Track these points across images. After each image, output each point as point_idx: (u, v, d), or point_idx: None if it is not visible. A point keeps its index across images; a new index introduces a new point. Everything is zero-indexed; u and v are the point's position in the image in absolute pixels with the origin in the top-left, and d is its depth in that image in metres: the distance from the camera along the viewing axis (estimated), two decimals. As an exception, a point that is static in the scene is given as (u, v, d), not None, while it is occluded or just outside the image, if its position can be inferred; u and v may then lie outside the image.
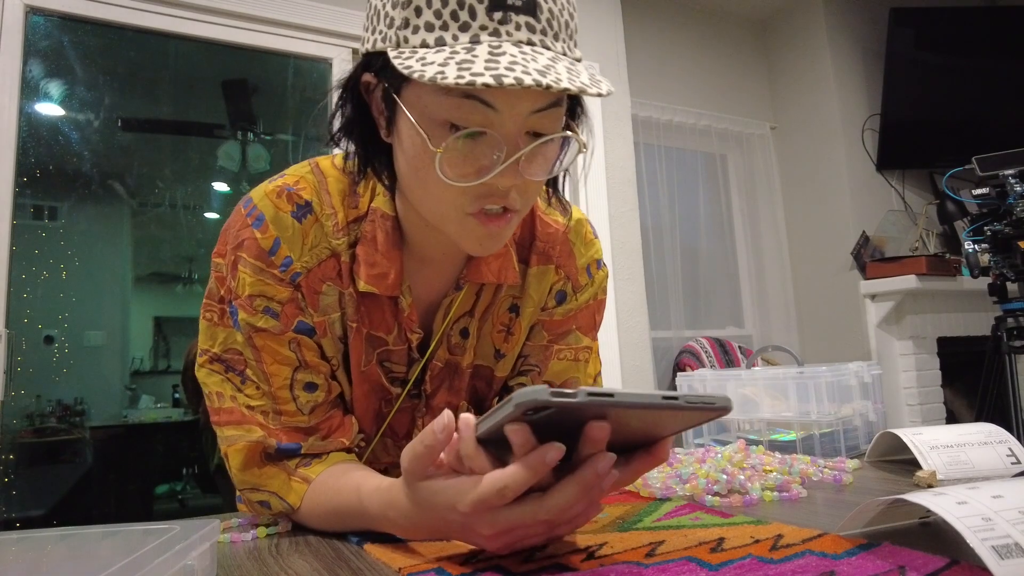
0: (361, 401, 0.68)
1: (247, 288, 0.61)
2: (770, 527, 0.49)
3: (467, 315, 0.70)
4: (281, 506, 0.61)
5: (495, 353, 0.73)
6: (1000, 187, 1.92)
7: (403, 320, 0.66)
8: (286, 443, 0.62)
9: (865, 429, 0.92)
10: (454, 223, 0.57)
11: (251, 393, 0.62)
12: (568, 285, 0.74)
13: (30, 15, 1.69)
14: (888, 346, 2.85)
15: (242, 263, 0.61)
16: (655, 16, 3.08)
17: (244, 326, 0.61)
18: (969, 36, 3.03)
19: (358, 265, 0.63)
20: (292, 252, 0.62)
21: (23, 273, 1.76)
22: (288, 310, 0.62)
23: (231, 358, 0.63)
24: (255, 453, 0.61)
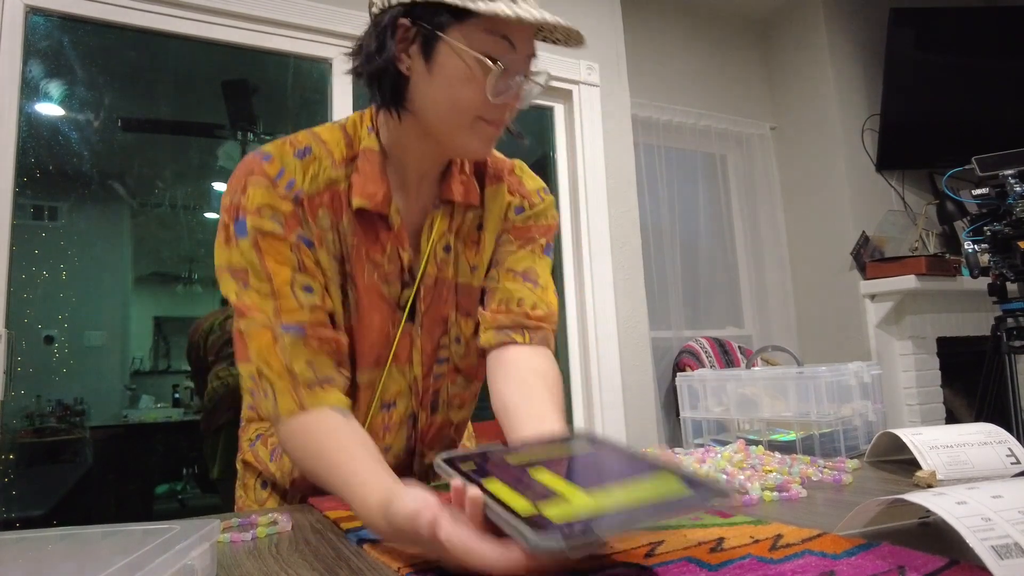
0: (370, 320, 0.76)
1: (256, 200, 0.71)
2: (769, 527, 0.49)
3: (447, 233, 0.82)
4: (270, 406, 0.68)
5: (470, 268, 0.85)
6: (1000, 187, 1.92)
7: (394, 238, 0.77)
8: (288, 322, 0.69)
9: (865, 429, 0.92)
10: (468, 129, 0.72)
11: (256, 291, 0.70)
12: (525, 202, 0.89)
13: (30, 15, 1.69)
14: (888, 346, 2.86)
15: (252, 184, 0.72)
16: (655, 16, 3.08)
17: (251, 231, 0.70)
18: (969, 36, 3.03)
19: (353, 188, 0.75)
20: (296, 178, 0.73)
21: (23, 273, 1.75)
22: (291, 221, 0.72)
23: (230, 271, 0.71)
24: (267, 339, 0.68)
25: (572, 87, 2.46)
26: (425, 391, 0.83)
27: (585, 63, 2.49)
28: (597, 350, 2.34)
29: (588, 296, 2.37)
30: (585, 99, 2.47)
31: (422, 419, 0.84)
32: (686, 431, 1.04)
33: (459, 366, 0.86)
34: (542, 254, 0.88)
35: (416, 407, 0.83)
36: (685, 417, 1.04)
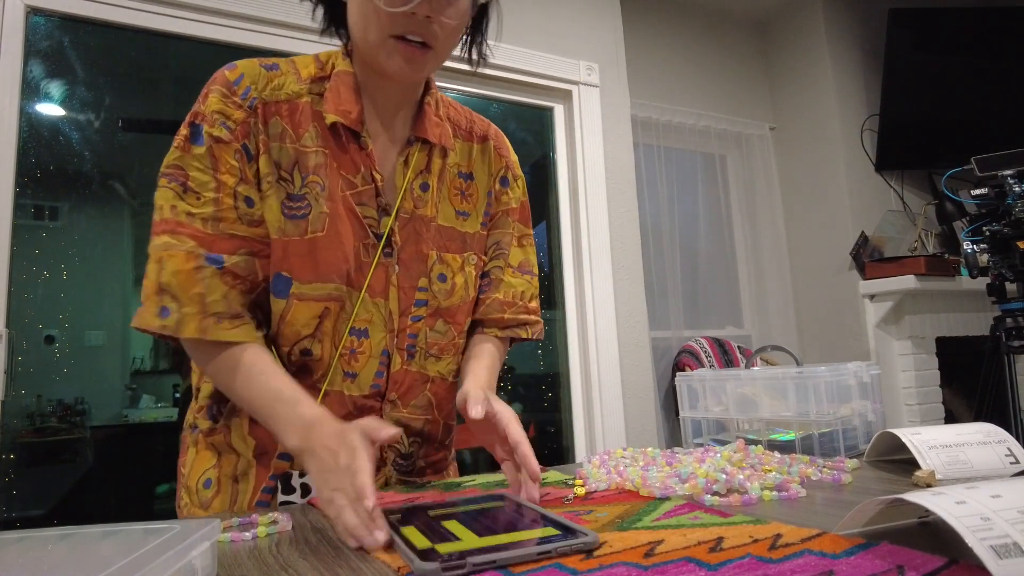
0: (337, 230, 0.77)
1: (212, 106, 0.75)
2: (769, 527, 0.49)
3: (425, 172, 0.84)
4: (171, 323, 0.70)
5: (456, 213, 0.87)
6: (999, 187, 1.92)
7: (367, 159, 0.79)
8: (213, 253, 0.72)
9: (864, 429, 0.92)
10: (381, 48, 0.73)
11: (192, 202, 0.73)
12: (509, 173, 0.94)
13: (30, 15, 1.69)
14: (887, 346, 2.86)
15: (212, 92, 0.75)
16: (654, 17, 3.08)
17: (206, 137, 0.73)
18: (968, 37, 3.04)
19: (327, 103, 0.78)
20: (253, 87, 0.76)
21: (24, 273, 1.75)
22: (240, 130, 0.75)
23: (173, 172, 0.73)
24: (188, 265, 0.70)
25: (572, 87, 2.47)
26: (402, 330, 0.82)
27: (585, 63, 2.49)
28: (597, 350, 2.34)
29: (588, 296, 2.37)
30: (585, 99, 2.47)
31: (396, 362, 0.82)
32: (685, 431, 1.04)
33: (441, 306, 0.85)
34: (531, 243, 0.97)
35: (391, 347, 0.82)
36: (684, 417, 1.04)
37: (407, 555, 0.44)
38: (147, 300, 0.71)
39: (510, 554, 0.43)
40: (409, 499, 0.68)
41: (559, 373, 2.47)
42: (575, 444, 2.37)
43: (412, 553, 0.44)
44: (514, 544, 0.45)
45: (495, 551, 0.43)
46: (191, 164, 0.73)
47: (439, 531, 0.49)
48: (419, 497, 0.68)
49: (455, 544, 0.46)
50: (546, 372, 2.56)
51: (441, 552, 0.44)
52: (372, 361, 0.81)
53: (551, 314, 2.47)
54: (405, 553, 0.45)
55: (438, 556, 0.43)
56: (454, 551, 0.44)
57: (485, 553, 0.43)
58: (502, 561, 0.42)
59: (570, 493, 0.66)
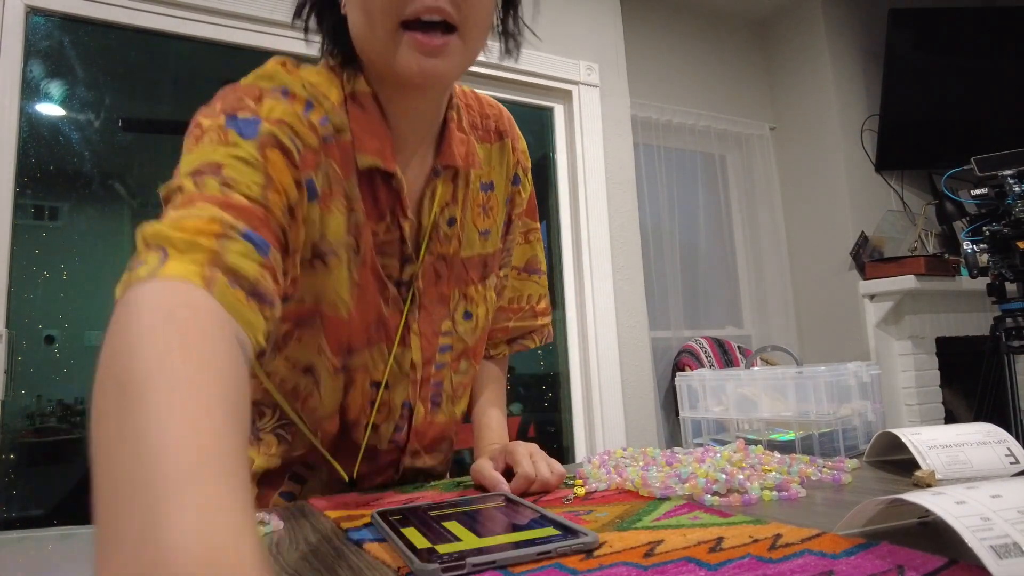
0: (368, 297, 0.67)
1: (278, 112, 0.57)
2: (769, 527, 0.49)
3: (451, 203, 0.72)
4: (137, 274, 0.42)
5: (479, 235, 0.76)
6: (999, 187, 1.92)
7: (398, 203, 0.67)
8: (254, 232, 0.48)
9: (864, 429, 0.92)
10: (390, 44, 0.58)
11: (212, 192, 0.49)
12: (519, 168, 0.82)
13: (30, 15, 1.69)
14: (887, 346, 2.86)
15: (272, 97, 0.58)
16: (654, 17, 3.08)
17: (265, 135, 0.54)
18: (968, 37, 3.04)
19: (357, 142, 0.63)
20: (328, 113, 0.61)
21: (24, 273, 1.76)
22: (309, 158, 0.59)
23: (205, 168, 0.50)
24: (208, 227, 0.45)
25: (572, 87, 2.47)
26: (425, 380, 0.75)
27: (585, 64, 2.49)
28: (597, 350, 2.34)
29: (588, 296, 2.37)
30: (585, 99, 2.48)
31: (419, 413, 0.76)
32: (685, 431, 1.05)
33: (466, 346, 0.77)
34: (539, 238, 0.88)
35: (414, 398, 0.75)
36: (684, 417, 1.04)
37: (407, 555, 0.44)
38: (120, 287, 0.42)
39: (510, 554, 0.43)
40: (408, 499, 0.68)
41: (559, 373, 2.47)
42: (575, 444, 2.37)
43: (411, 553, 0.44)
44: (514, 544, 0.45)
45: (495, 551, 0.43)
46: (228, 156, 0.51)
47: (439, 531, 0.49)
48: (418, 497, 0.68)
49: (455, 544, 0.46)
50: (546, 372, 2.56)
51: (441, 552, 0.44)
52: (392, 416, 0.75)
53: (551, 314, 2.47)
54: (405, 553, 0.45)
55: (438, 556, 0.43)
56: (454, 551, 0.44)
57: (485, 553, 0.43)
58: (502, 561, 0.42)
59: (570, 493, 0.66)
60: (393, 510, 0.57)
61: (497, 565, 0.42)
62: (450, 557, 0.42)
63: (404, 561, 0.45)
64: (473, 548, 0.45)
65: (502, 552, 0.43)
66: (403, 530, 0.50)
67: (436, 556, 0.43)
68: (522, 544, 0.45)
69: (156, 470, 0.26)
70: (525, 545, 0.45)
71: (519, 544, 0.45)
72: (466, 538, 0.47)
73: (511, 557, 0.43)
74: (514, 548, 0.44)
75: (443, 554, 0.43)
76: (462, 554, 0.43)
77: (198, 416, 0.29)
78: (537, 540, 0.46)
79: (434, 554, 0.43)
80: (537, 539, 0.46)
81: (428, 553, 0.44)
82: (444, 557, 0.42)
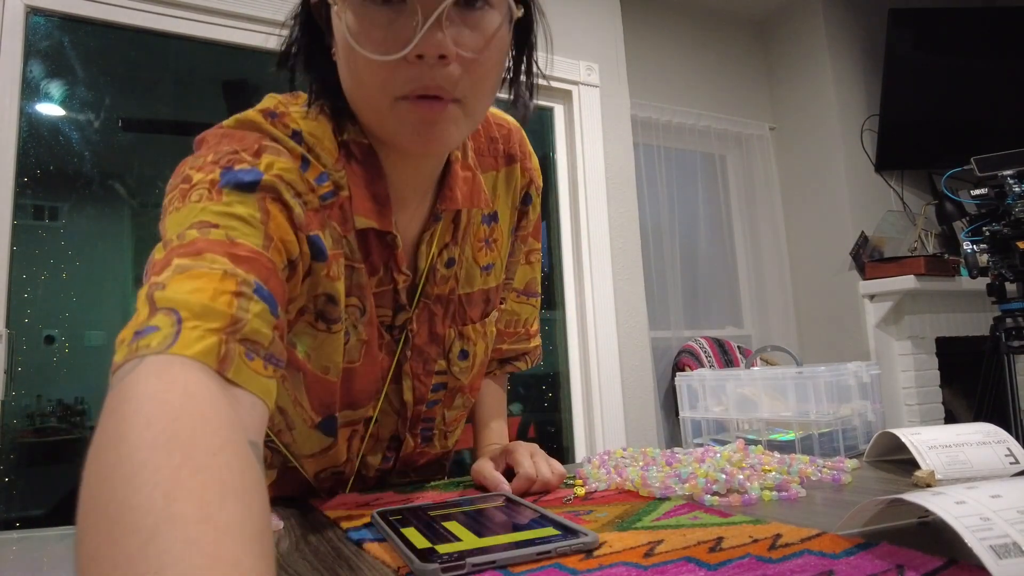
0: (376, 360, 0.66)
1: (278, 167, 0.53)
2: (769, 526, 0.49)
3: (450, 244, 0.68)
4: (146, 344, 0.37)
5: (481, 271, 0.72)
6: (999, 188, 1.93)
7: (392, 258, 0.63)
8: (266, 288, 0.44)
9: (864, 429, 0.92)
10: (388, 115, 0.53)
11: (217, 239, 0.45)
12: (532, 187, 0.77)
13: (30, 15, 1.70)
14: (887, 346, 2.86)
15: (270, 151, 0.54)
16: (654, 17, 3.08)
17: (266, 187, 0.50)
18: (968, 37, 3.04)
19: (356, 200, 0.59)
20: (330, 172, 0.57)
21: (23, 273, 1.76)
22: (314, 218, 0.55)
23: (198, 227, 0.46)
24: (223, 286, 0.42)
25: (572, 87, 2.47)
26: (416, 418, 0.74)
27: (585, 64, 2.49)
28: (596, 350, 2.34)
29: (588, 296, 2.37)
30: (585, 99, 2.48)
31: (408, 445, 0.75)
32: (685, 431, 1.05)
33: (461, 384, 0.75)
34: (539, 259, 0.85)
35: (403, 431, 0.74)
36: (684, 417, 1.04)
37: (406, 555, 0.44)
38: (118, 345, 0.39)
39: (510, 554, 0.43)
40: (407, 500, 0.68)
41: (559, 373, 2.47)
42: (575, 444, 2.37)
43: (411, 553, 0.44)
44: (514, 544, 0.45)
45: (495, 551, 0.44)
46: (221, 215, 0.47)
47: (438, 531, 0.50)
48: (418, 497, 0.68)
49: (455, 544, 0.46)
50: (546, 372, 2.56)
51: (441, 552, 0.44)
52: (379, 445, 0.74)
53: (551, 314, 2.47)
54: (404, 553, 0.45)
55: (437, 556, 0.43)
56: (453, 551, 0.44)
57: (485, 553, 0.43)
58: (502, 561, 0.43)
59: (570, 493, 0.66)
60: (393, 510, 0.57)
61: (497, 565, 0.42)
62: (450, 557, 0.42)
63: (404, 561, 0.45)
64: (473, 548, 0.45)
65: (502, 552, 0.43)
66: (403, 530, 0.50)
67: (436, 556, 0.43)
68: (522, 544, 0.45)
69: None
70: (525, 545, 0.45)
71: (519, 544, 0.45)
72: (466, 538, 0.48)
73: (511, 557, 0.43)
74: (514, 548, 0.44)
75: (443, 554, 0.43)
76: (462, 554, 0.43)
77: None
78: (537, 540, 0.46)
79: (434, 554, 0.43)
80: (537, 539, 0.46)
81: (428, 553, 0.44)
82: (444, 557, 0.42)
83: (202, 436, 0.32)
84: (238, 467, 0.31)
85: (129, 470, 0.29)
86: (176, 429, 0.31)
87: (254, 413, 0.39)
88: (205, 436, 0.32)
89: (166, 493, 0.28)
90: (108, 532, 0.27)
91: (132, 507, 0.28)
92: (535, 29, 0.61)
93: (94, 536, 0.28)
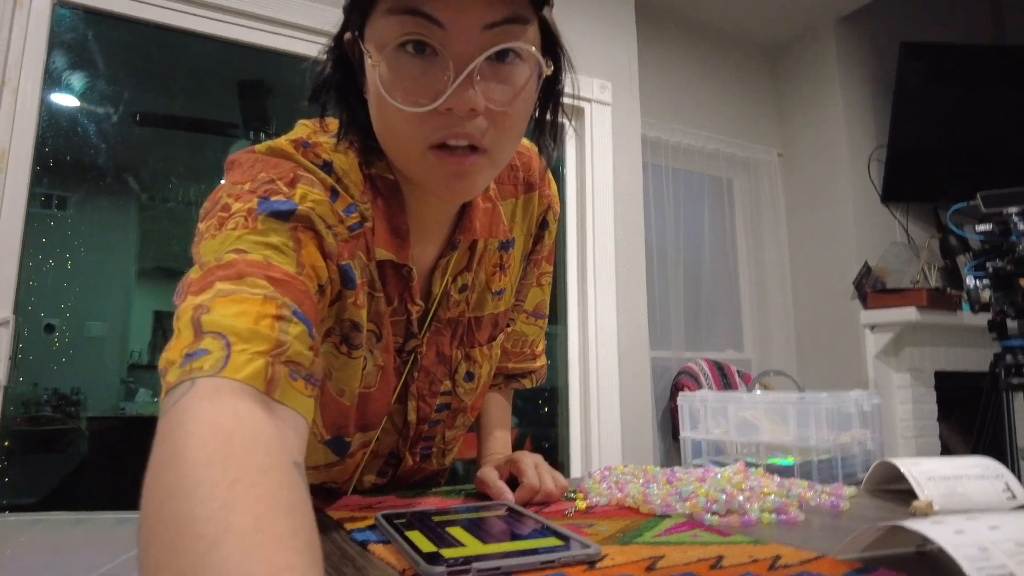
0: (387, 378, 0.66)
1: (312, 199, 0.54)
2: (768, 547, 0.50)
3: (464, 271, 0.69)
4: (200, 366, 0.39)
5: (493, 294, 0.73)
6: (1003, 224, 1.94)
7: (407, 290, 0.64)
8: (303, 312, 0.46)
9: (863, 458, 0.92)
10: (418, 163, 0.55)
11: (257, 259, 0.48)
12: (550, 212, 0.78)
13: (57, 7, 1.72)
14: (886, 377, 2.86)
15: (305, 182, 0.55)
16: (669, 38, 3.11)
17: (300, 215, 0.52)
18: (977, 73, 3.07)
19: (378, 232, 0.60)
20: (358, 204, 0.58)
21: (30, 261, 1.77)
22: (342, 247, 0.57)
23: (237, 252, 0.48)
24: (265, 309, 0.44)
25: (584, 104, 2.49)
26: (417, 437, 0.75)
27: (598, 81, 2.51)
28: (597, 366, 2.35)
29: (590, 312, 2.38)
30: (596, 117, 2.50)
31: (407, 463, 0.76)
32: (685, 451, 1.05)
33: (464, 405, 0.76)
34: (550, 282, 0.86)
35: (402, 449, 0.75)
36: (685, 436, 1.05)
37: (412, 558, 0.45)
38: (168, 367, 0.41)
39: (515, 562, 0.44)
40: (409, 504, 0.68)
41: (558, 388, 2.47)
42: (571, 460, 2.37)
43: (418, 556, 0.45)
44: (518, 553, 0.46)
45: (500, 558, 0.44)
46: (256, 244, 0.49)
47: (444, 537, 0.50)
48: (420, 502, 0.69)
49: (459, 549, 0.46)
50: (545, 386, 2.56)
51: (446, 557, 0.44)
52: (376, 461, 0.75)
53: (553, 329, 2.48)
54: (410, 556, 0.45)
55: (443, 560, 0.43)
56: (459, 556, 0.44)
57: (490, 560, 0.44)
58: (507, 568, 0.43)
59: (571, 507, 0.67)
60: (397, 513, 0.58)
61: (502, 572, 0.43)
62: (455, 562, 0.43)
63: (409, 563, 0.45)
64: (478, 554, 0.45)
65: (507, 559, 0.44)
66: (407, 533, 0.51)
67: (441, 560, 0.44)
68: (526, 553, 0.46)
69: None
70: (529, 554, 0.45)
71: (523, 552, 0.46)
72: (470, 544, 0.48)
73: (516, 564, 0.44)
74: (519, 556, 0.45)
75: (448, 558, 0.44)
76: (468, 559, 0.43)
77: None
78: (540, 550, 0.46)
79: (439, 558, 0.44)
80: (540, 548, 0.47)
81: (434, 557, 0.44)
82: (450, 561, 0.43)
83: (253, 456, 0.34)
84: (287, 484, 0.34)
85: (189, 485, 0.32)
86: (229, 449, 0.34)
87: (297, 432, 0.42)
88: (256, 456, 0.34)
89: (224, 505, 0.30)
90: (172, 543, 0.30)
91: (194, 518, 0.30)
92: (563, 79, 0.63)
93: (159, 547, 0.30)
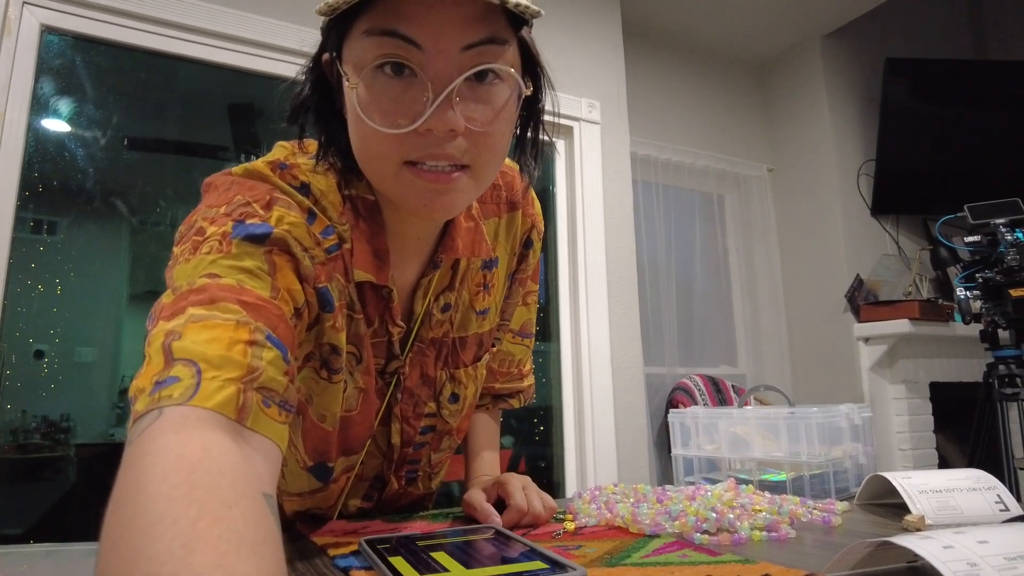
0: (369, 400, 0.65)
1: (288, 221, 0.53)
2: (758, 566, 0.49)
3: (446, 290, 0.68)
4: (168, 394, 0.38)
5: (477, 314, 0.72)
6: (991, 235, 1.95)
7: (388, 311, 0.63)
8: (276, 336, 0.45)
9: (855, 472, 0.92)
10: (392, 180, 0.53)
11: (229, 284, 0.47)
12: (534, 231, 0.77)
13: (45, 34, 1.72)
14: (881, 389, 2.86)
15: (281, 204, 0.54)
16: (656, 56, 3.15)
17: (275, 238, 0.51)
18: (961, 87, 3.11)
19: (356, 253, 0.59)
20: (336, 226, 0.57)
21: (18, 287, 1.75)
22: (319, 270, 0.55)
23: (210, 276, 0.47)
24: (237, 335, 0.43)
25: (573, 124, 2.51)
26: (402, 460, 0.74)
27: (587, 101, 2.53)
28: (590, 384, 2.34)
29: (583, 330, 2.37)
30: (586, 136, 2.51)
31: (392, 486, 0.75)
32: (677, 468, 1.04)
33: (449, 427, 0.75)
34: (536, 301, 0.85)
35: (387, 473, 0.74)
36: (676, 454, 1.04)
37: None
38: (137, 394, 0.40)
39: None
40: (396, 528, 0.67)
41: (552, 407, 2.46)
42: (566, 479, 2.35)
43: None
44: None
45: None
46: (231, 268, 0.48)
47: (427, 562, 0.49)
48: (406, 527, 0.68)
49: (443, 575, 0.45)
50: (538, 405, 2.54)
51: None
52: (362, 484, 0.74)
53: (545, 346, 2.47)
54: None
55: None
56: None
57: None
58: None
59: (559, 528, 0.66)
60: (381, 538, 0.57)
61: None
62: None
63: None
64: None
65: None
66: (391, 559, 0.50)
67: None
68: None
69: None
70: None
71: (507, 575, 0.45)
72: (454, 569, 0.47)
73: None
74: None
75: None
76: None
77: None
78: (525, 573, 0.45)
79: None
80: (525, 572, 0.46)
81: None
82: None
83: (218, 489, 0.33)
84: (252, 519, 0.32)
85: (147, 521, 0.30)
86: (193, 483, 0.32)
87: (269, 460, 0.41)
88: (220, 489, 0.33)
89: (184, 544, 0.29)
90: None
91: (151, 557, 0.29)
92: (543, 99, 0.62)
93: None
